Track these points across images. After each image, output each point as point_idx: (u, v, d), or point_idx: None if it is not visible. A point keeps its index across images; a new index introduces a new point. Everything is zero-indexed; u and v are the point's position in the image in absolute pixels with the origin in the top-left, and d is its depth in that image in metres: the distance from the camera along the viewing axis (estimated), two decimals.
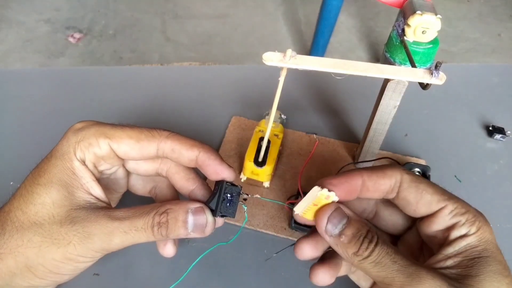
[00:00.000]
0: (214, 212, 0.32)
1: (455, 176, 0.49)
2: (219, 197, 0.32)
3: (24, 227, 0.29)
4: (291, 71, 0.33)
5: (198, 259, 0.35)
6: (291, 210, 0.44)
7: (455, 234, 0.28)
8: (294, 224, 0.42)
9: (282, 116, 0.52)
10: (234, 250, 0.42)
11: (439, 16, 0.34)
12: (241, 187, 0.33)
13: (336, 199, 0.29)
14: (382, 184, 0.30)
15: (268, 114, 0.52)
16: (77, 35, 1.80)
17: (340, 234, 0.28)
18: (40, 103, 0.56)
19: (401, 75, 0.33)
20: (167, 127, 0.53)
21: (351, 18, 1.95)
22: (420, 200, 0.30)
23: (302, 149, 0.51)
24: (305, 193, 0.36)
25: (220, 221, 0.34)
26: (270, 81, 0.38)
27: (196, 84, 0.59)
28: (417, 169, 0.47)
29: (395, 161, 0.49)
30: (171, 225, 0.30)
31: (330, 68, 0.32)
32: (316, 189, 0.29)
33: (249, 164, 0.45)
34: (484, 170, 0.50)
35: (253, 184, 0.47)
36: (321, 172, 0.48)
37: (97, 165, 0.33)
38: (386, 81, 0.39)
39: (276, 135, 0.48)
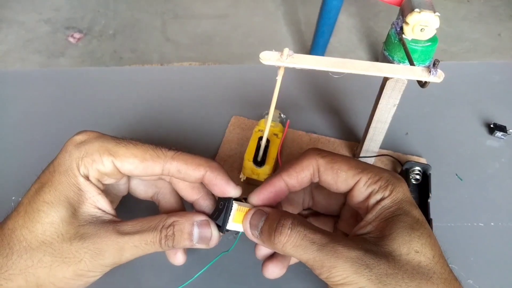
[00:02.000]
0: (220, 228, 0.33)
1: (456, 175, 0.49)
2: (226, 214, 0.32)
3: (33, 247, 0.29)
4: (290, 71, 0.33)
5: (201, 271, 0.36)
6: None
7: (371, 201, 0.30)
8: None
9: (282, 115, 0.52)
10: (233, 251, 0.42)
11: (437, 13, 0.34)
12: (246, 201, 0.34)
13: (251, 206, 0.32)
14: (303, 177, 0.32)
15: (268, 113, 0.51)
16: (77, 35, 1.80)
17: (261, 231, 0.31)
18: (40, 103, 0.56)
19: (400, 73, 0.33)
20: (167, 127, 0.53)
21: (351, 18, 1.95)
22: (337, 179, 0.32)
23: (302, 148, 0.51)
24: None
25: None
26: (270, 81, 0.38)
27: (196, 84, 0.59)
28: (418, 168, 0.47)
29: (395, 159, 0.49)
30: (177, 237, 0.31)
31: (327, 67, 0.32)
32: (234, 205, 0.32)
33: (248, 164, 0.45)
34: (485, 169, 0.50)
35: (253, 184, 0.47)
36: None
37: (101, 180, 0.32)
38: (385, 79, 0.39)
39: (276, 135, 0.48)
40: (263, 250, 0.34)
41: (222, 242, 0.35)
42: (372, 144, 0.46)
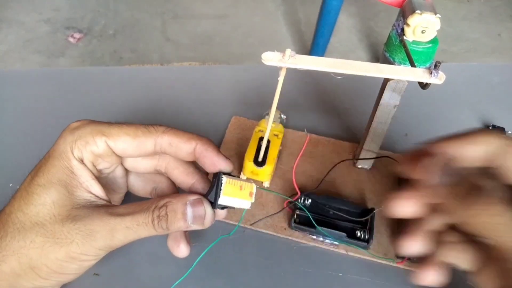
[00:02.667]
0: (213, 204, 0.32)
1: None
2: (217, 189, 0.32)
3: (26, 228, 0.29)
4: (291, 71, 0.33)
5: (202, 254, 0.36)
6: (291, 210, 0.44)
7: None
8: (294, 224, 0.42)
9: (282, 115, 0.52)
10: (233, 250, 0.42)
11: (438, 15, 0.34)
12: (239, 177, 0.33)
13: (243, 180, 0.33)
14: (473, 151, 0.28)
15: (268, 114, 0.52)
16: (77, 35, 1.80)
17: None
18: (40, 103, 0.56)
19: (401, 74, 0.33)
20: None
21: (351, 18, 1.95)
22: None
23: (302, 149, 0.51)
24: (303, 193, 0.37)
25: (221, 213, 0.34)
26: (270, 81, 0.38)
27: (196, 84, 0.59)
28: None
29: (395, 161, 0.49)
30: (171, 217, 0.31)
31: (329, 68, 0.32)
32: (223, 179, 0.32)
33: (249, 164, 0.45)
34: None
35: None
36: (321, 171, 0.48)
37: (95, 164, 0.33)
38: (386, 80, 0.39)
39: (276, 135, 0.48)
40: (430, 277, 0.29)
41: (222, 226, 0.35)
42: (372, 145, 0.46)
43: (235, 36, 1.84)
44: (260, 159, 0.45)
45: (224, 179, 0.32)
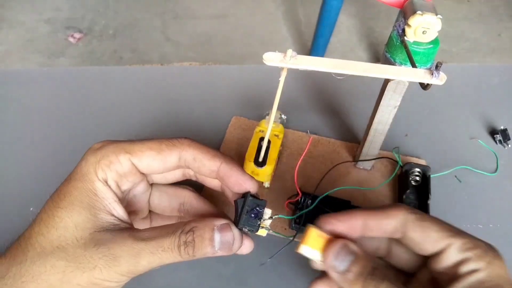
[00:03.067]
0: (236, 224, 0.31)
1: (455, 177, 0.49)
2: (243, 209, 0.31)
3: (47, 252, 0.28)
4: (291, 71, 0.33)
5: None
6: (291, 210, 0.44)
7: (463, 270, 0.27)
8: (294, 225, 0.42)
9: (282, 116, 0.52)
10: None
11: (439, 16, 0.34)
12: (266, 201, 0.32)
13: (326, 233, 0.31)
14: (386, 224, 0.30)
15: (268, 114, 0.52)
16: (77, 35, 1.80)
17: (346, 270, 0.28)
18: (41, 103, 0.56)
19: (402, 75, 0.33)
20: (167, 127, 0.53)
21: (351, 18, 1.95)
22: (426, 239, 0.29)
23: (302, 149, 0.51)
24: (304, 193, 0.37)
25: (247, 244, 0.33)
26: (271, 81, 0.38)
27: (196, 84, 0.59)
28: (417, 169, 0.47)
29: (395, 161, 0.49)
30: (198, 243, 0.29)
31: (330, 68, 0.32)
32: (310, 228, 0.30)
33: (249, 164, 0.45)
34: (484, 171, 0.50)
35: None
36: (321, 172, 0.48)
37: (120, 184, 0.32)
38: (387, 81, 0.39)
39: (276, 135, 0.48)
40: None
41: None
42: (372, 145, 0.46)
43: (235, 36, 1.83)
44: (260, 159, 0.45)
45: (312, 231, 0.30)
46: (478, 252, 0.28)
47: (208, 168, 0.33)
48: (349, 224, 0.30)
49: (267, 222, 0.33)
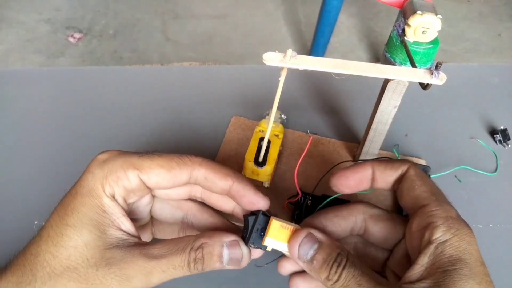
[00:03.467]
0: (245, 242, 0.31)
1: (455, 176, 0.49)
2: (253, 227, 0.31)
3: (57, 273, 0.27)
4: (291, 71, 0.33)
5: None
6: (291, 210, 0.44)
7: (427, 235, 0.28)
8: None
9: (282, 116, 0.52)
10: None
11: (439, 16, 0.34)
12: (275, 215, 0.32)
13: (293, 225, 0.31)
14: (390, 175, 0.32)
15: (268, 114, 0.52)
16: (77, 35, 1.80)
17: (312, 259, 0.29)
18: (41, 103, 0.56)
19: (402, 75, 0.33)
20: (167, 127, 0.53)
21: (351, 18, 1.95)
22: (409, 193, 0.30)
23: (302, 149, 0.51)
24: (304, 193, 0.36)
25: (256, 252, 0.33)
26: (271, 81, 0.38)
27: (196, 84, 0.59)
28: None
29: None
30: (207, 260, 0.30)
31: (330, 68, 0.32)
32: (272, 220, 0.31)
33: (249, 164, 0.45)
34: (484, 171, 0.50)
35: (254, 184, 0.47)
36: (321, 172, 0.48)
37: (126, 199, 0.31)
38: (386, 81, 0.39)
39: (276, 135, 0.48)
40: (288, 267, 0.32)
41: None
42: (372, 145, 0.46)
43: (235, 36, 1.83)
44: (260, 159, 0.45)
45: (276, 223, 0.31)
46: (447, 222, 0.28)
47: (220, 187, 0.32)
48: (361, 174, 0.32)
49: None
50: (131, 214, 0.34)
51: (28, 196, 0.47)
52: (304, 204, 0.43)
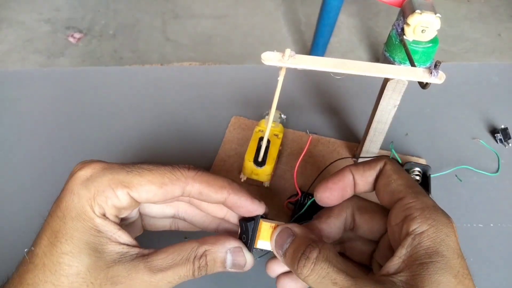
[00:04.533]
0: (249, 248, 0.32)
1: (456, 176, 0.49)
2: (254, 233, 0.31)
3: None
4: (291, 71, 0.33)
5: None
6: (291, 210, 0.44)
7: (405, 227, 0.27)
8: None
9: (282, 116, 0.52)
10: None
11: (438, 15, 0.34)
12: (272, 219, 0.33)
13: (278, 222, 0.32)
14: (369, 176, 0.32)
15: (268, 114, 0.52)
16: (77, 35, 1.80)
17: (285, 252, 0.29)
18: (40, 103, 0.56)
19: (401, 74, 0.33)
20: (166, 127, 0.53)
21: (351, 18, 1.95)
22: (386, 188, 0.30)
23: (302, 148, 0.51)
24: (304, 192, 0.37)
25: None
26: (270, 81, 0.38)
27: (196, 84, 0.59)
28: (417, 169, 0.47)
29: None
30: (211, 266, 0.30)
31: (329, 68, 0.32)
32: (262, 222, 0.32)
33: (249, 164, 0.45)
34: (485, 170, 0.50)
35: (253, 184, 0.47)
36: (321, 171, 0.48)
37: (118, 215, 0.30)
38: (386, 80, 0.39)
39: (276, 135, 0.48)
40: (276, 269, 0.32)
41: None
42: (372, 144, 0.46)
43: (235, 36, 1.83)
44: (260, 159, 0.45)
45: (264, 225, 0.31)
46: (424, 213, 0.27)
47: (215, 199, 0.31)
48: (342, 183, 0.32)
49: None
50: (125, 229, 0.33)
51: (28, 196, 0.46)
52: (304, 203, 0.43)
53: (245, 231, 0.32)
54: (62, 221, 0.28)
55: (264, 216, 0.33)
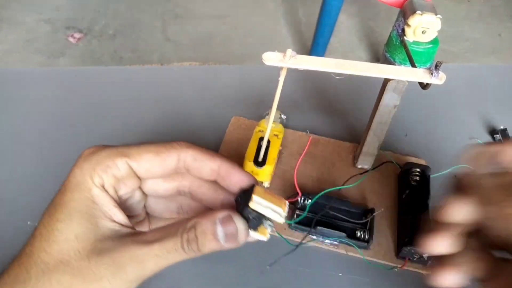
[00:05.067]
0: (243, 211, 0.30)
1: (455, 176, 0.49)
2: (248, 197, 0.30)
3: (50, 268, 0.27)
4: (291, 71, 0.33)
5: None
6: (291, 210, 0.44)
7: None
8: (294, 224, 0.42)
9: (282, 116, 0.52)
10: (233, 251, 0.42)
11: (439, 16, 0.34)
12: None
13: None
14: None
15: (268, 114, 0.52)
16: (77, 35, 1.80)
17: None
18: (41, 103, 0.56)
19: (401, 75, 0.33)
20: (167, 126, 0.53)
21: (351, 18, 1.95)
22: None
23: (302, 149, 0.51)
24: (305, 193, 0.36)
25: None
26: (270, 81, 0.38)
27: (196, 84, 0.59)
28: (417, 169, 0.47)
29: (394, 161, 0.49)
30: (201, 239, 0.29)
31: (329, 68, 0.32)
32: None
33: (249, 164, 0.45)
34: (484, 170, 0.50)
35: None
36: (321, 172, 0.48)
37: (117, 189, 0.31)
38: (386, 81, 0.39)
39: (276, 135, 0.48)
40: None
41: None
42: (372, 145, 0.46)
43: (235, 36, 1.83)
44: (260, 159, 0.45)
45: (258, 188, 0.30)
46: None
47: (209, 167, 0.32)
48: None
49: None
50: (126, 212, 0.33)
51: (26, 197, 0.47)
52: (304, 204, 0.43)
53: (240, 202, 0.31)
54: (63, 193, 0.29)
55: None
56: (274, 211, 0.29)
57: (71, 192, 0.29)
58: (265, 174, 0.45)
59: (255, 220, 0.30)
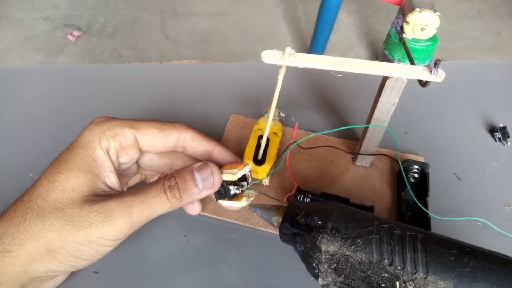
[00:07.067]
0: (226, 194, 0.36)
1: (455, 174, 0.49)
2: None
3: (45, 213, 0.30)
4: (290, 69, 0.33)
5: None
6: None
7: None
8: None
9: (281, 114, 0.52)
10: (232, 248, 0.42)
11: (438, 13, 0.34)
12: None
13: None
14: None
15: (267, 112, 0.52)
16: (76, 33, 1.80)
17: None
18: (40, 101, 0.56)
19: (400, 72, 0.33)
20: None
21: (351, 16, 1.95)
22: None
23: (302, 147, 0.51)
24: (303, 191, 0.37)
25: (197, 206, 0.38)
26: (269, 79, 0.38)
27: (195, 82, 0.59)
28: (416, 166, 0.47)
29: (393, 158, 0.49)
30: (181, 185, 0.32)
31: (329, 66, 0.32)
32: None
33: (248, 163, 0.45)
34: (483, 168, 0.50)
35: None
36: (320, 169, 0.48)
37: (119, 155, 0.34)
38: (385, 78, 0.39)
39: (275, 133, 0.48)
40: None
41: (224, 225, 0.34)
42: (371, 142, 0.46)
43: (235, 34, 1.83)
44: (259, 157, 0.45)
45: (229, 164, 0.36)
46: None
47: (204, 148, 0.37)
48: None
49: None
50: (121, 170, 0.37)
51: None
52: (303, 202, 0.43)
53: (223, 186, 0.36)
54: (69, 150, 0.33)
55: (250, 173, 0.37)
56: (231, 174, 0.35)
57: (78, 149, 0.33)
58: (264, 172, 0.45)
59: (222, 189, 0.35)
